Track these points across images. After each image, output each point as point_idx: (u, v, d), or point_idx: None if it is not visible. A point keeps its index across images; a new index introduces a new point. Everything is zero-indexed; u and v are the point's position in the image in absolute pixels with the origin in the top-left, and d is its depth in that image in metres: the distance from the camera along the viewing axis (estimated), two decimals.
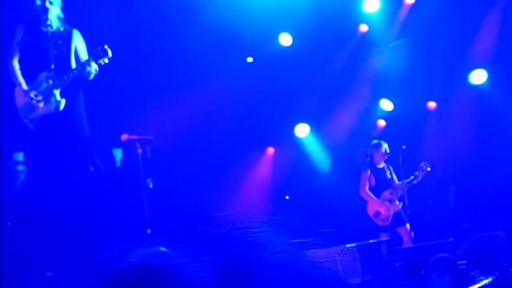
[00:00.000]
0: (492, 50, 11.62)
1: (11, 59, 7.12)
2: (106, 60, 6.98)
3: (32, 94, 6.95)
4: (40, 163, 6.92)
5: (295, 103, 11.98)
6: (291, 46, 11.48)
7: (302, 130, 12.46)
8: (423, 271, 7.22)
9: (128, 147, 7.99)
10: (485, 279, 6.53)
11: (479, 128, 11.74)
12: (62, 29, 7.21)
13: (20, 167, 7.19)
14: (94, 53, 7.01)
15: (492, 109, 11.86)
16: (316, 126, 12.43)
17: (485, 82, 11.93)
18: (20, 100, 7.05)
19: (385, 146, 10.31)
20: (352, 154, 11.64)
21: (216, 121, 10.70)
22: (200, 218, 8.35)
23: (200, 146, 10.80)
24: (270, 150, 12.55)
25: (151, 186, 7.35)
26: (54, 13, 7.14)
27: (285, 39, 11.45)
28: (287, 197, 12.00)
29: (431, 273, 6.50)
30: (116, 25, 8.73)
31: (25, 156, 7.22)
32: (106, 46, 6.96)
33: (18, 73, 7.07)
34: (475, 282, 6.54)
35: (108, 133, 8.30)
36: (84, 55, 7.24)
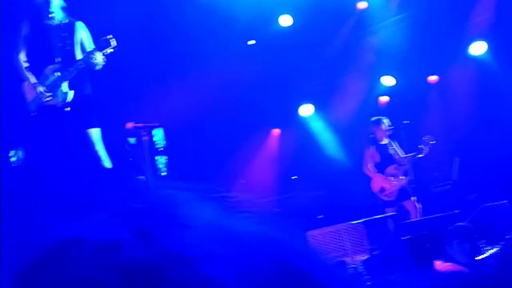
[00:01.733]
0: (491, 21, 11.64)
1: (17, 54, 7.18)
2: (111, 50, 7.04)
3: (41, 88, 7.03)
4: (48, 157, 6.99)
5: (299, 83, 12.05)
6: (291, 26, 11.52)
7: (306, 110, 12.54)
8: (429, 244, 7.33)
9: (134, 135, 8.08)
10: (491, 249, 6.65)
11: (481, 100, 11.79)
12: (66, 21, 7.26)
13: (25, 161, 7.23)
14: (99, 43, 7.07)
15: (492, 80, 11.91)
16: (320, 106, 12.50)
17: (485, 53, 11.98)
18: (29, 94, 7.13)
19: (385, 122, 10.35)
20: (356, 131, 11.71)
21: (221, 105, 10.78)
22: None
23: (205, 130, 10.90)
24: (276, 131, 12.65)
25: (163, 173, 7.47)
26: (57, 5, 7.18)
27: (285, 20, 11.49)
28: (294, 177, 12.09)
29: (451, 242, 6.57)
30: (117, 14, 8.80)
31: (32, 150, 7.28)
32: (110, 36, 7.01)
33: (24, 68, 7.14)
34: (481, 253, 6.65)
35: (117, 123, 8.38)
36: (89, 46, 7.29)
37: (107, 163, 7.20)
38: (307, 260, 0.79)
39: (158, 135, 7.98)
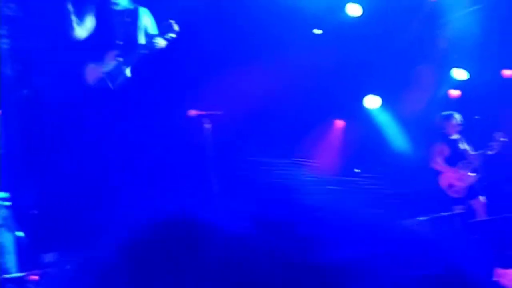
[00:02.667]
0: None
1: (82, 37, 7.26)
2: (173, 35, 7.04)
3: (103, 72, 7.10)
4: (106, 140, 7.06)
5: (366, 74, 11.83)
6: (360, 16, 11.30)
7: (373, 102, 12.31)
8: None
9: (196, 122, 8.07)
10: None
11: None
12: (130, 7, 7.31)
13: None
14: (161, 28, 7.09)
15: None
16: (388, 98, 12.25)
17: None
18: (91, 78, 7.20)
19: (456, 117, 10.14)
20: (424, 125, 11.44)
21: (285, 95, 10.66)
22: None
23: (269, 120, 10.80)
24: (340, 123, 12.45)
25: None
26: None
27: (354, 9, 11.28)
28: (357, 170, 11.89)
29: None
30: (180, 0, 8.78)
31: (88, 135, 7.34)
32: (172, 21, 7.02)
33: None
34: None
35: (177, 110, 8.39)
36: (152, 32, 7.32)
37: None
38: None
39: None
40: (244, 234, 0.69)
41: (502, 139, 10.02)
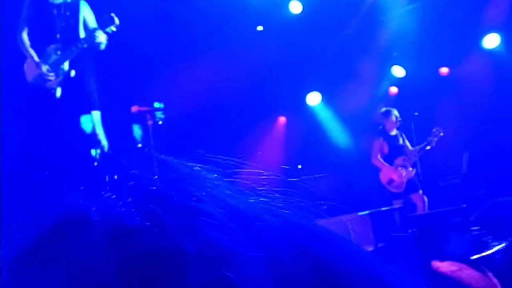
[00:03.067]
0: (505, 13, 11.46)
1: (20, 32, 7.08)
2: (114, 28, 6.92)
3: (43, 68, 6.93)
4: (46, 135, 6.88)
5: (307, 71, 11.91)
6: (301, 13, 11.36)
7: (313, 99, 12.40)
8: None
9: (138, 118, 7.97)
10: (498, 245, 6.50)
11: (492, 93, 11.63)
12: (69, 0, 7.16)
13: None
14: (101, 21, 6.96)
15: (505, 73, 11.74)
16: (327, 95, 12.37)
17: (498, 46, 11.80)
18: (31, 73, 7.03)
19: (395, 113, 10.29)
20: (364, 122, 11.59)
21: (226, 91, 10.64)
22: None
23: (211, 115, 10.77)
24: (282, 119, 12.51)
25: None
26: None
27: (295, 7, 11.33)
28: (299, 166, 11.96)
29: (448, 237, 6.49)
30: None
31: (31, 127, 7.16)
32: (112, 14, 6.90)
33: (28, 46, 7.04)
34: (488, 248, 6.52)
35: (120, 105, 8.27)
36: (92, 25, 7.19)
37: (105, 146, 7.09)
38: (330, 246, 0.74)
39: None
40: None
41: (439, 133, 10.21)
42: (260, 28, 11.37)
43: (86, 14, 7.19)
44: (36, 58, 6.99)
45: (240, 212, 0.71)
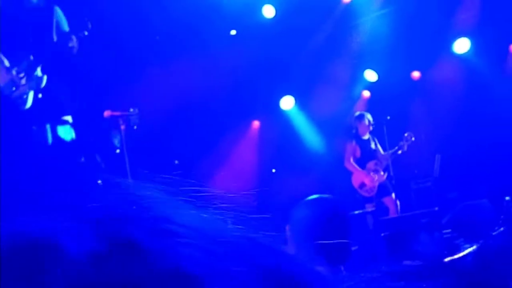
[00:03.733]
0: (475, 19, 11.60)
1: None
2: (86, 33, 6.89)
3: (14, 71, 6.86)
4: (19, 142, 6.81)
5: (280, 75, 11.94)
6: (274, 17, 11.39)
7: (287, 103, 12.44)
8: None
9: (111, 123, 7.93)
10: (469, 247, 6.58)
11: (463, 97, 11.76)
12: (42, 4, 7.11)
13: None
14: (74, 26, 6.92)
15: (476, 78, 11.88)
16: (301, 99, 12.41)
17: (469, 51, 11.93)
18: (2, 78, 6.96)
19: (368, 117, 10.34)
20: (337, 125, 11.64)
21: (200, 95, 10.62)
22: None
23: (184, 120, 10.74)
24: (256, 123, 12.53)
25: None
26: None
27: (268, 11, 11.36)
28: (273, 170, 12.00)
29: (419, 237, 6.55)
30: None
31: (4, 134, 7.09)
32: (85, 19, 6.87)
33: None
34: (460, 250, 6.59)
35: (92, 110, 8.22)
36: (65, 30, 7.14)
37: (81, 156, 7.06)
38: (288, 262, 0.77)
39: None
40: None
41: (411, 138, 10.29)
42: (233, 32, 11.37)
43: (59, 19, 7.15)
44: (6, 63, 6.92)
45: (204, 230, 0.72)
